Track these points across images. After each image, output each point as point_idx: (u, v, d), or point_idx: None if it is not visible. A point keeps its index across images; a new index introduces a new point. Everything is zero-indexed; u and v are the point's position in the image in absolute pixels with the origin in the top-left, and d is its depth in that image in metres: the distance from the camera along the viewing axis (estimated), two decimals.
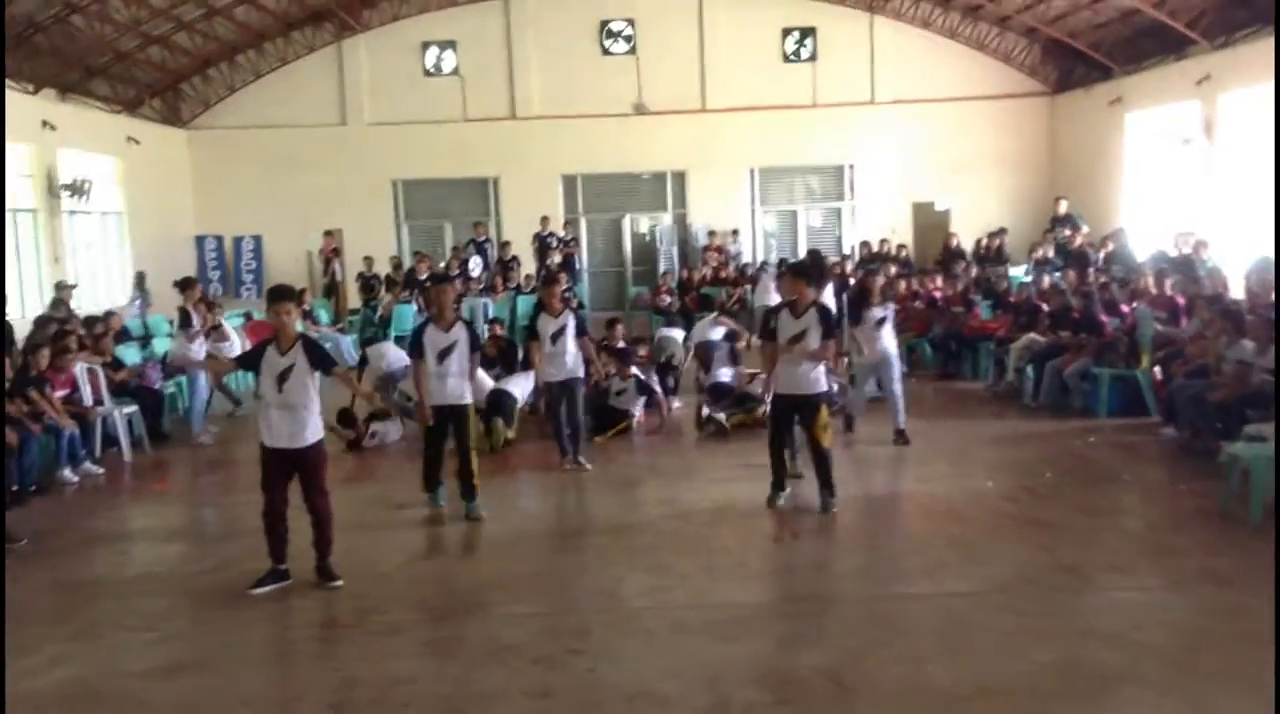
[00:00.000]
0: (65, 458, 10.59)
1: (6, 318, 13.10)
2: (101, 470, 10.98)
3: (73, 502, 10.11)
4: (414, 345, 8.70)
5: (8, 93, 17.96)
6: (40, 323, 13.54)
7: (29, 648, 6.27)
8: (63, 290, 15.36)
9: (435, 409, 8.52)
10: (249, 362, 7.35)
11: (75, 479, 10.60)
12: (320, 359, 7.05)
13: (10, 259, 17.78)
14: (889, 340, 10.77)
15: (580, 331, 10.09)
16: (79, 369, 11.46)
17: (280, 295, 7.15)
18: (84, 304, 17.79)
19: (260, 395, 7.17)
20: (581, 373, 10.09)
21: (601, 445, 11.17)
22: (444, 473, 8.85)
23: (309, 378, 6.98)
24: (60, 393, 10.93)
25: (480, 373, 12.97)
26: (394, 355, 13.84)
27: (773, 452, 8.64)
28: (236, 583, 7.09)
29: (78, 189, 19.00)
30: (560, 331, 9.89)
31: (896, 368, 10.89)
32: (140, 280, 20.96)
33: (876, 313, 10.69)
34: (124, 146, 21.42)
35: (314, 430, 7.05)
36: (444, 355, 8.51)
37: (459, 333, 8.61)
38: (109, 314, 15.10)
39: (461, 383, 8.59)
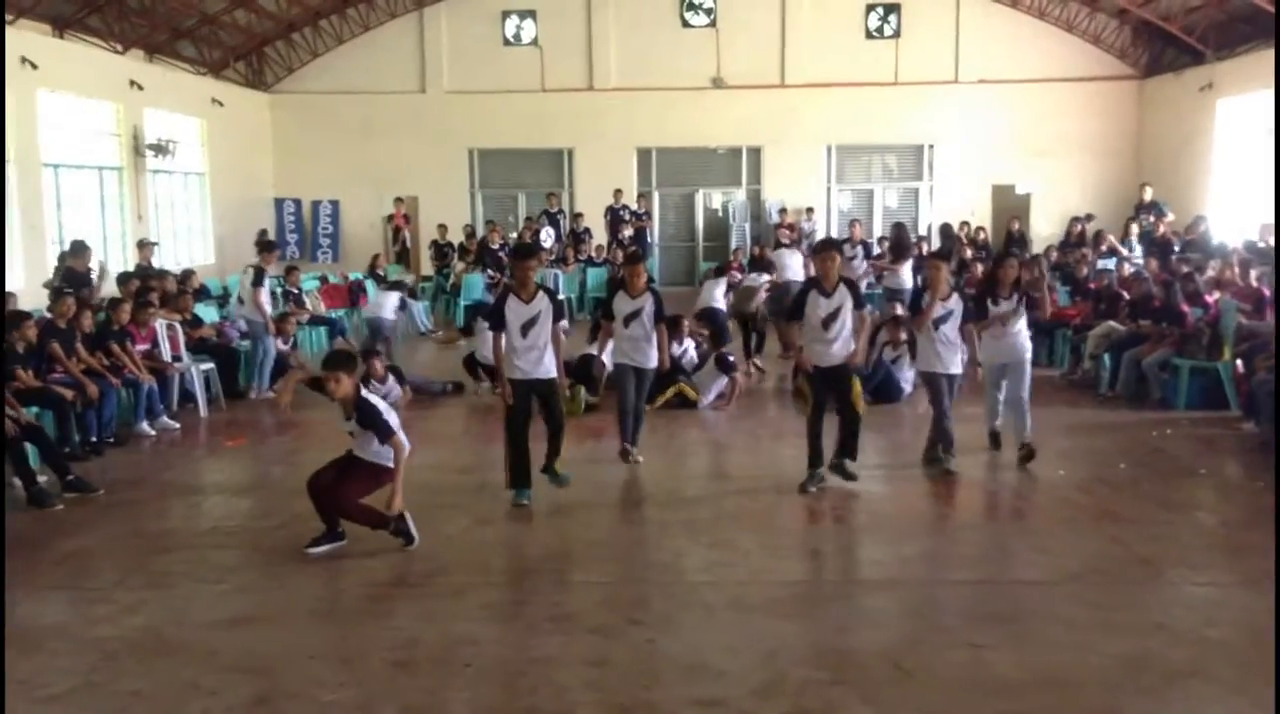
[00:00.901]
0: (143, 412, 10.86)
1: (92, 275, 13.46)
2: (178, 425, 11.22)
3: (149, 454, 10.34)
4: (495, 318, 8.26)
5: (98, 51, 18.36)
6: (123, 279, 13.83)
7: (104, 595, 6.45)
8: (144, 247, 15.69)
9: (518, 385, 8.11)
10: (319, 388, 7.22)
11: (152, 433, 10.86)
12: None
13: (95, 215, 18.23)
14: (1022, 338, 9.27)
15: (659, 316, 9.22)
16: (159, 325, 11.70)
17: (332, 365, 7.07)
18: (165, 262, 18.16)
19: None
20: (654, 362, 9.29)
21: (652, 411, 11.10)
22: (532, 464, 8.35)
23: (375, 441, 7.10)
24: (141, 348, 11.17)
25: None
26: (387, 309, 13.94)
27: (811, 431, 8.50)
28: (304, 539, 7.20)
29: (162, 148, 19.36)
30: (636, 313, 9.11)
31: (1028, 373, 9.32)
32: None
33: (1004, 307, 9.17)
34: (208, 108, 21.79)
35: (375, 453, 7.11)
36: (528, 328, 8.05)
37: (542, 303, 8.13)
38: (188, 273, 15.42)
39: (546, 355, 8.13)
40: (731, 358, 12.16)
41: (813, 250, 9.57)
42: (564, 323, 11.98)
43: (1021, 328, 9.20)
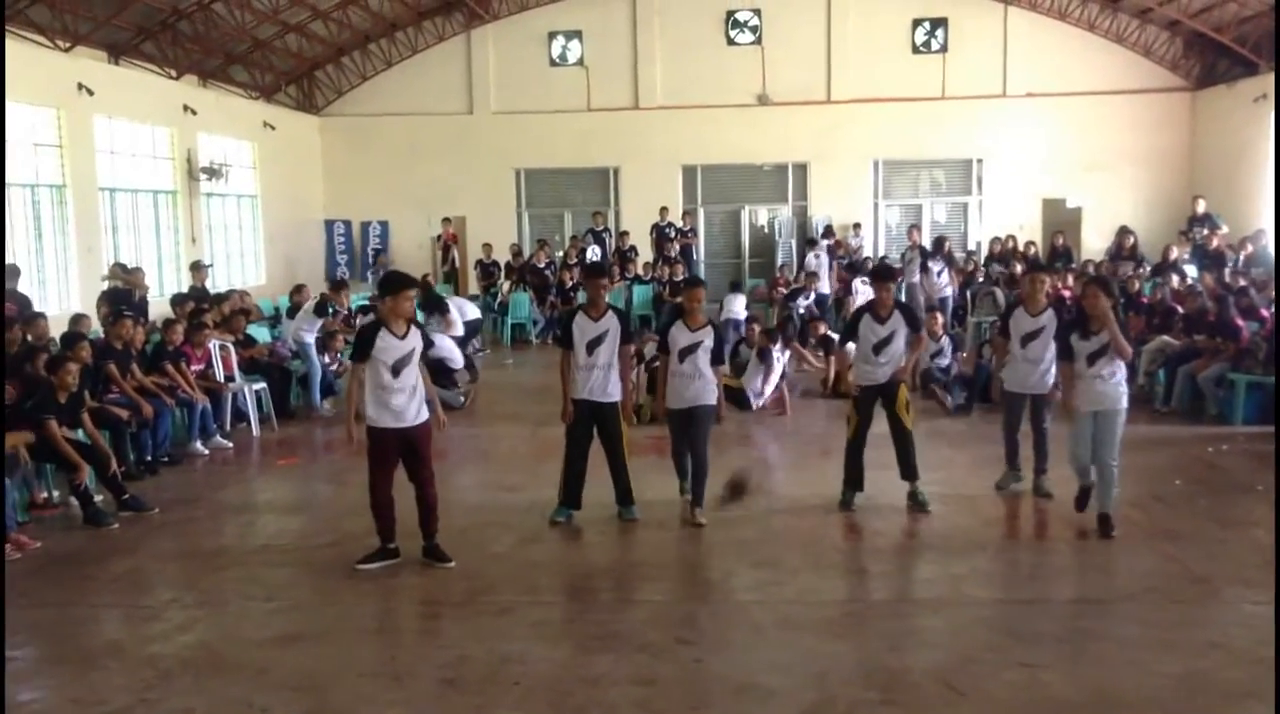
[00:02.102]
0: (197, 431, 11.01)
1: (148, 299, 13.75)
2: (230, 444, 11.37)
3: (202, 473, 10.48)
4: (564, 335, 8.18)
5: (152, 77, 18.70)
6: (177, 300, 14.03)
7: (158, 613, 6.54)
8: (199, 270, 15.94)
9: (578, 405, 8.03)
10: (363, 349, 7.18)
11: (205, 452, 11.01)
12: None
13: (150, 238, 18.53)
14: (1117, 383, 7.68)
15: (717, 356, 8.23)
16: (212, 346, 11.86)
17: (402, 284, 7.20)
18: (217, 284, 18.43)
19: (380, 382, 7.06)
20: (710, 400, 8.20)
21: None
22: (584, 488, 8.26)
23: (420, 364, 7.22)
24: (195, 368, 11.33)
25: (448, 343, 13.57)
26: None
27: (854, 450, 8.50)
28: (354, 557, 7.27)
29: (215, 172, 19.65)
30: (693, 348, 8.12)
31: (1119, 426, 7.74)
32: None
33: (1092, 345, 7.63)
34: (260, 132, 22.09)
35: (422, 395, 7.22)
36: (593, 346, 7.97)
37: (610, 322, 8.04)
38: (242, 294, 15.65)
39: (609, 376, 8.01)
40: (776, 353, 12.36)
41: (871, 277, 9.37)
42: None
43: (1117, 370, 7.67)
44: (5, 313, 10.18)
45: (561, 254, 21.88)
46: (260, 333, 14.35)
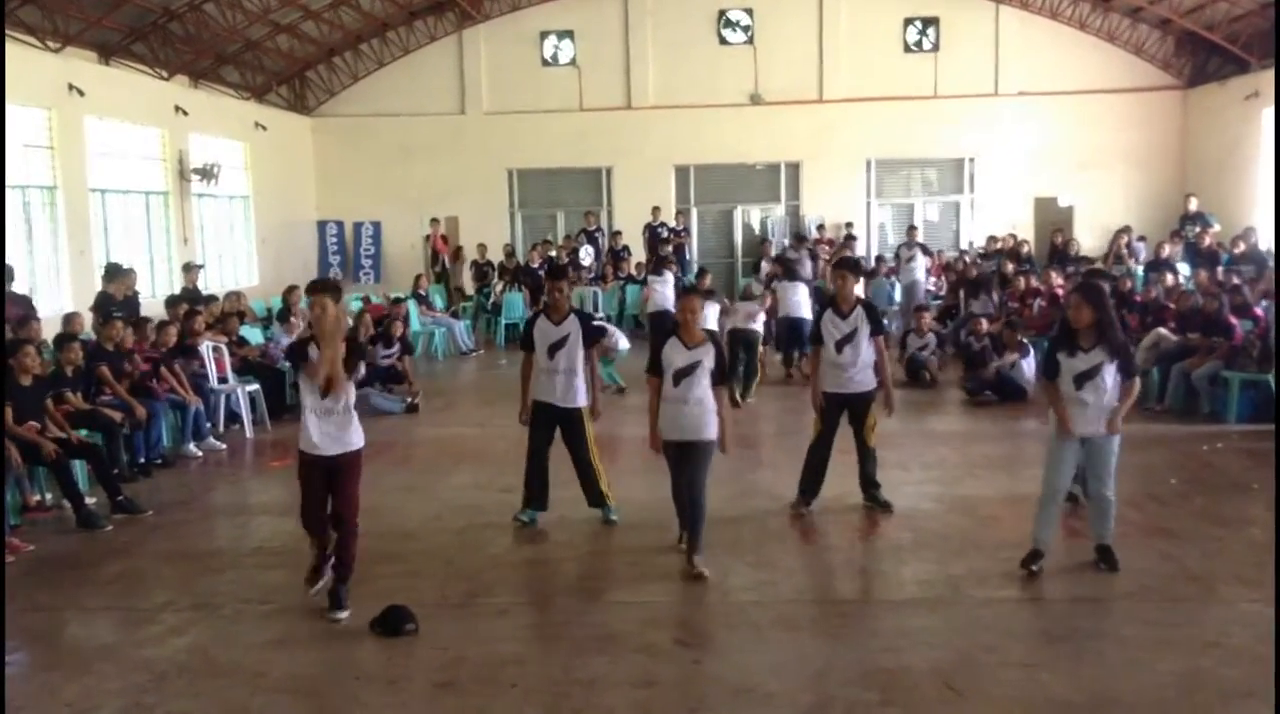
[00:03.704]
0: (190, 433, 10.97)
1: (139, 298, 13.69)
2: (224, 446, 11.33)
3: (196, 475, 10.44)
4: (525, 338, 8.10)
5: (143, 78, 18.63)
6: (170, 302, 13.97)
7: (151, 616, 6.50)
8: (190, 271, 15.87)
9: (538, 407, 8.01)
10: (295, 358, 6.46)
11: (199, 454, 10.99)
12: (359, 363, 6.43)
13: (141, 239, 18.46)
14: (1109, 402, 6.78)
15: (719, 374, 7.04)
16: (205, 347, 11.83)
17: (311, 287, 6.36)
18: (210, 285, 18.38)
19: (304, 404, 6.38)
20: (711, 433, 7.01)
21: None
22: (547, 487, 8.16)
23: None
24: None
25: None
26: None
27: (818, 456, 8.38)
28: None
29: (207, 173, 19.57)
30: (692, 369, 6.95)
31: (1114, 452, 6.94)
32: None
33: (1080, 363, 6.71)
34: (251, 132, 22.02)
35: (353, 432, 6.41)
36: (554, 350, 7.85)
37: (571, 325, 7.89)
38: (235, 294, 15.59)
39: (572, 381, 7.86)
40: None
41: (830, 267, 9.22)
42: (623, 342, 11.75)
43: (1110, 388, 6.77)
44: (9, 315, 10.14)
45: (554, 254, 21.84)
46: (253, 334, 14.30)
